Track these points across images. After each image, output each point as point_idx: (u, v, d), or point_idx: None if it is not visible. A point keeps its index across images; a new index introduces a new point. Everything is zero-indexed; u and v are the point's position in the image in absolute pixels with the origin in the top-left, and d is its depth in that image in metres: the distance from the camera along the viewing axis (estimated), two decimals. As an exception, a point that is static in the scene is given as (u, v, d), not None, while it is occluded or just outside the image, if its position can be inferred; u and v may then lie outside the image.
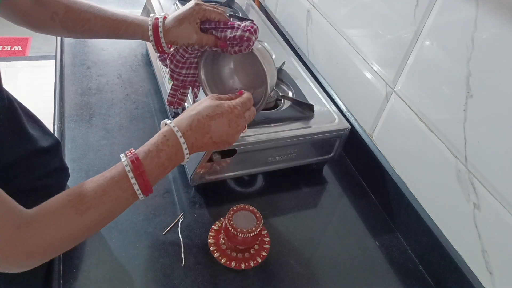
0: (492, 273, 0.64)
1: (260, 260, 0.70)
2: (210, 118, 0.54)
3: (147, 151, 0.50)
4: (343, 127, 0.83)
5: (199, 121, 0.53)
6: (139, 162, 0.49)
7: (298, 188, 0.89)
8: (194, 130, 0.53)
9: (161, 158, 0.51)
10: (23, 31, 0.67)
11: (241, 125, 0.57)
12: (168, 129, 0.53)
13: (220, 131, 0.55)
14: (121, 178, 0.48)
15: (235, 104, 0.57)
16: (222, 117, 0.55)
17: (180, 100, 0.76)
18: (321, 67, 1.10)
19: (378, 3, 0.83)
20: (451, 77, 0.67)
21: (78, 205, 0.45)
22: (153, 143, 0.51)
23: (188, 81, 0.73)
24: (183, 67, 0.70)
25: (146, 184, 0.49)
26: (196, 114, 0.54)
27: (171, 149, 0.52)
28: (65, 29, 0.66)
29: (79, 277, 0.65)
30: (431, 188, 0.75)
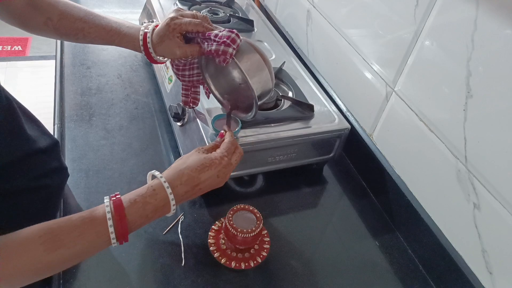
0: (492, 273, 0.64)
1: (260, 260, 0.70)
2: (199, 171, 0.55)
3: (132, 200, 0.50)
4: (343, 127, 0.83)
5: (189, 175, 0.54)
6: (122, 210, 0.49)
7: (298, 188, 0.89)
8: (184, 184, 0.54)
9: (146, 210, 0.51)
10: (23, 31, 0.68)
11: (229, 172, 0.59)
12: (157, 183, 0.53)
13: (209, 181, 0.56)
14: (99, 222, 0.48)
15: (222, 155, 0.58)
16: (211, 169, 0.56)
17: (194, 99, 0.75)
18: (321, 67, 1.10)
19: (378, 3, 0.83)
20: (451, 77, 0.67)
21: (48, 242, 0.44)
22: (140, 194, 0.52)
23: (195, 81, 0.72)
24: (185, 69, 0.70)
25: (124, 232, 0.49)
26: (186, 168, 0.55)
27: (158, 202, 0.52)
28: (59, 35, 0.67)
29: (79, 277, 0.65)
30: (431, 188, 0.75)
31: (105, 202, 0.49)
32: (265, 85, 0.65)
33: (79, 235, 0.46)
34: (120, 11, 1.41)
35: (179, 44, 0.63)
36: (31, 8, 0.63)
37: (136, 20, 1.28)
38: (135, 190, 0.53)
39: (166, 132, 0.95)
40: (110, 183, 0.80)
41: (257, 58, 0.65)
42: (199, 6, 1.18)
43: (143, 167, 0.85)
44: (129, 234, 0.50)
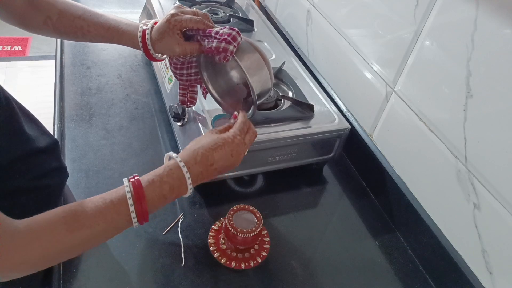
0: (492, 273, 0.64)
1: (260, 260, 0.70)
2: (213, 150, 0.56)
3: (150, 180, 0.51)
4: (343, 127, 0.83)
5: (203, 155, 0.55)
6: (141, 189, 0.50)
7: (298, 188, 0.89)
8: (199, 163, 0.55)
9: (163, 189, 0.52)
10: (23, 31, 0.68)
11: (243, 152, 0.59)
12: (173, 163, 0.54)
13: (223, 161, 0.57)
14: (119, 202, 0.48)
15: (234, 134, 0.59)
16: (224, 147, 0.57)
17: (191, 98, 0.76)
18: (321, 67, 1.10)
19: (378, 3, 0.83)
20: (451, 77, 0.67)
21: (70, 222, 0.45)
22: (158, 174, 0.53)
23: (192, 80, 0.72)
24: (183, 68, 0.70)
25: (144, 212, 0.49)
26: (200, 148, 0.56)
27: (175, 181, 0.53)
28: (58, 34, 0.66)
29: (79, 277, 0.65)
30: (431, 188, 0.75)
31: (125, 183, 0.50)
32: (264, 84, 0.65)
33: (101, 215, 0.47)
34: (120, 11, 1.41)
35: (178, 41, 0.63)
36: (31, 8, 0.63)
37: (136, 20, 1.27)
38: (153, 170, 0.53)
39: (166, 132, 0.95)
40: (110, 183, 0.80)
41: (257, 57, 0.65)
42: (199, 6, 1.18)
43: (143, 167, 0.85)
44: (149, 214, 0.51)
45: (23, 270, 0.44)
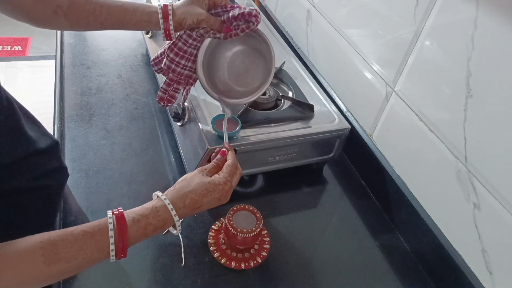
0: (492, 273, 0.64)
1: (260, 260, 0.70)
2: (203, 196, 0.56)
3: (136, 220, 0.51)
4: (343, 127, 0.83)
5: (192, 199, 0.55)
6: (125, 227, 0.49)
7: (298, 188, 0.89)
8: (187, 206, 0.55)
9: (147, 229, 0.51)
10: (23, 31, 0.67)
11: (229, 195, 0.60)
12: (161, 205, 0.53)
13: (210, 204, 0.58)
14: (101, 238, 0.48)
15: (225, 180, 0.59)
16: (214, 193, 0.57)
17: (171, 97, 0.74)
18: (321, 67, 1.10)
19: (378, 3, 0.83)
20: (451, 77, 0.67)
21: (49, 254, 0.44)
22: (144, 214, 0.52)
23: (184, 75, 0.72)
24: (183, 57, 0.69)
25: (124, 249, 0.49)
26: (190, 192, 0.56)
27: (160, 223, 0.53)
28: (69, 23, 0.64)
29: (79, 277, 0.65)
30: (431, 188, 0.75)
31: (109, 219, 0.49)
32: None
33: (80, 250, 0.46)
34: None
35: (205, 10, 0.65)
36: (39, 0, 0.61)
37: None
38: (138, 207, 0.53)
39: (166, 132, 0.95)
40: (110, 183, 0.80)
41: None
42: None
43: (143, 167, 0.85)
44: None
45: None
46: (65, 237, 0.46)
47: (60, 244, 0.45)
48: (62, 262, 0.45)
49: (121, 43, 1.22)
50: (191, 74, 0.73)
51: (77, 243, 0.46)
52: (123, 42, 1.22)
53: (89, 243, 0.47)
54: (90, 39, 1.22)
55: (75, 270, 0.47)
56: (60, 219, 0.72)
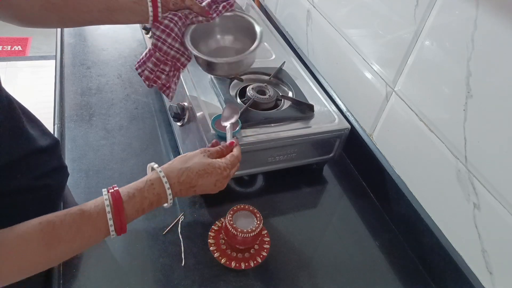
0: (492, 273, 0.64)
1: (260, 260, 0.70)
2: (199, 176, 0.56)
3: (131, 195, 0.51)
4: (343, 127, 0.83)
5: (188, 176, 0.55)
6: (121, 204, 0.49)
7: (298, 188, 0.89)
8: (181, 183, 0.55)
9: (143, 204, 0.52)
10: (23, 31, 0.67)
11: (225, 184, 0.60)
12: (156, 177, 0.54)
13: (205, 187, 0.57)
14: (98, 217, 0.48)
15: (226, 166, 0.59)
16: (211, 176, 0.57)
17: (156, 78, 0.73)
18: (321, 67, 1.10)
19: (378, 3, 0.83)
20: (451, 77, 0.67)
21: (48, 237, 0.44)
22: (138, 188, 0.52)
23: (170, 55, 0.72)
24: (170, 35, 0.70)
25: (122, 225, 0.49)
26: (187, 169, 0.55)
27: (155, 197, 0.53)
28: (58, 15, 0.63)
29: (79, 277, 0.65)
30: (431, 188, 0.75)
31: (104, 196, 0.49)
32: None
33: (78, 231, 0.46)
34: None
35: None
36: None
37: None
38: (133, 182, 0.53)
39: (166, 132, 0.95)
40: (110, 183, 0.80)
41: None
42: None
43: (143, 167, 0.85)
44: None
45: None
46: (63, 218, 0.46)
47: (59, 227, 0.45)
48: (62, 244, 0.45)
49: (121, 43, 1.22)
50: (179, 57, 0.73)
51: (75, 225, 0.46)
52: (123, 42, 1.22)
53: (88, 223, 0.47)
54: (90, 39, 1.22)
55: (75, 250, 0.48)
56: (60, 219, 0.72)
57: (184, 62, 0.74)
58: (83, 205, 0.48)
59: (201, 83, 0.86)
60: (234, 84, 0.88)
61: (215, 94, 0.84)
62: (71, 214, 0.47)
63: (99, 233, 0.48)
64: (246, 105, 0.80)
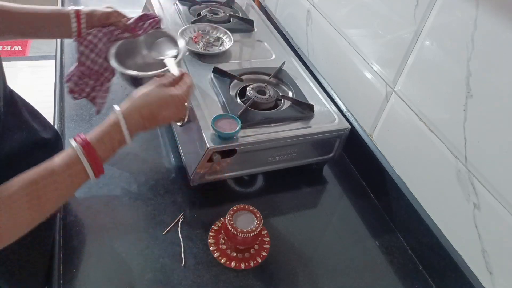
0: (492, 273, 0.64)
1: (260, 260, 0.70)
2: (161, 107, 0.59)
3: (100, 140, 0.54)
4: (343, 127, 0.83)
5: (150, 110, 0.58)
6: (94, 152, 0.52)
7: (298, 188, 0.89)
8: (145, 117, 0.57)
9: (114, 145, 0.55)
10: (23, 31, 0.67)
11: (184, 111, 0.63)
12: (120, 119, 0.56)
13: (168, 116, 0.60)
14: (76, 167, 0.51)
15: (182, 94, 0.61)
16: (171, 106, 0.60)
17: (81, 91, 0.75)
18: (321, 67, 1.10)
19: (378, 3, 0.83)
20: (451, 77, 0.67)
21: (32, 193, 0.46)
22: (106, 132, 0.55)
23: (94, 70, 0.74)
24: (93, 50, 0.72)
25: (99, 169, 0.53)
26: (148, 104, 0.58)
27: (122, 136, 0.56)
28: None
29: (79, 277, 0.65)
30: (431, 188, 0.75)
31: (77, 150, 0.51)
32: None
33: (61, 182, 0.49)
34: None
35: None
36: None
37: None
38: (99, 127, 0.55)
39: (166, 132, 0.95)
40: (110, 183, 0.80)
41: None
42: (199, 6, 1.18)
43: (143, 167, 0.85)
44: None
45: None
46: (42, 173, 0.48)
47: (40, 181, 0.47)
48: (46, 197, 0.48)
49: (121, 43, 1.22)
50: (103, 71, 0.75)
51: (55, 177, 0.48)
52: (123, 42, 1.22)
53: (67, 173, 0.49)
54: (90, 39, 1.21)
55: (61, 200, 0.51)
56: (60, 219, 0.72)
57: (109, 77, 0.77)
58: (58, 159, 0.50)
59: (201, 83, 0.86)
60: (234, 84, 0.88)
61: (215, 94, 0.84)
62: (51, 169, 0.49)
63: (80, 179, 0.51)
64: (246, 105, 0.80)
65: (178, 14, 1.11)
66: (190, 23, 1.04)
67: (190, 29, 1.01)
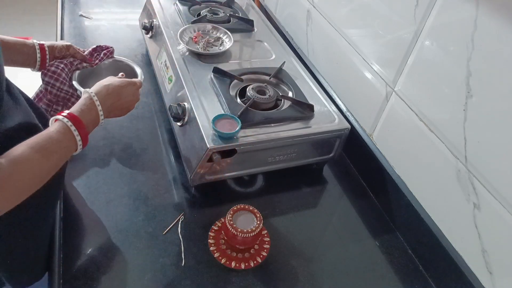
0: (492, 273, 0.64)
1: (260, 260, 0.70)
2: (121, 87, 0.70)
3: (80, 111, 0.61)
4: (343, 127, 0.83)
5: (113, 88, 0.68)
6: (77, 118, 0.59)
7: (298, 188, 0.89)
8: (110, 94, 0.67)
9: (92, 115, 0.63)
10: (23, 31, 0.68)
11: (139, 96, 0.76)
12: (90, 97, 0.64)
13: (127, 97, 0.71)
14: (68, 133, 0.58)
15: (135, 80, 0.75)
16: (129, 86, 0.72)
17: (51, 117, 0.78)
18: (321, 67, 1.10)
19: (378, 3, 0.83)
20: (451, 77, 0.67)
21: (42, 151, 0.53)
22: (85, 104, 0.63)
23: (61, 97, 0.83)
24: (58, 80, 0.81)
25: (86, 138, 0.60)
26: (111, 84, 0.69)
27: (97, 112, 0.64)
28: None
29: (79, 277, 0.65)
30: (431, 188, 0.75)
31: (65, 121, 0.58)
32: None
33: (60, 143, 0.56)
34: (120, 11, 1.41)
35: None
36: None
37: (136, 20, 1.28)
38: (77, 103, 0.63)
39: (166, 132, 0.95)
40: (110, 183, 0.80)
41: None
42: (199, 6, 1.18)
43: (143, 167, 0.85)
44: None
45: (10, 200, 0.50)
46: (45, 137, 0.55)
47: (45, 143, 0.54)
48: (54, 154, 0.55)
49: (121, 43, 1.22)
50: (69, 97, 0.84)
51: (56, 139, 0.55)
52: (123, 42, 1.22)
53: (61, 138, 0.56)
54: (91, 39, 1.22)
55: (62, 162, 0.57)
56: (60, 219, 0.72)
57: (75, 102, 0.82)
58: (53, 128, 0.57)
59: (201, 83, 0.86)
60: (234, 84, 0.88)
61: (215, 94, 0.84)
62: (49, 135, 0.55)
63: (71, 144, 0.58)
64: (246, 105, 0.80)
65: (178, 14, 1.11)
66: (190, 23, 1.04)
67: (190, 29, 1.01)
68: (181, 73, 0.88)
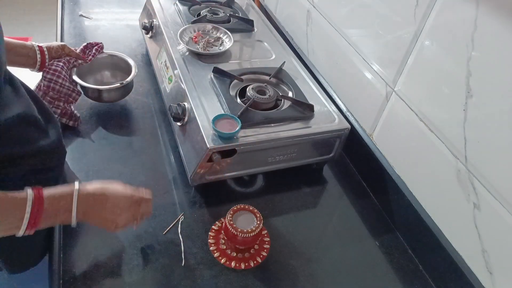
0: (492, 273, 0.64)
1: (260, 260, 0.70)
2: (116, 196, 0.60)
3: (51, 197, 0.54)
4: (343, 127, 0.83)
5: (102, 186, 0.60)
6: (42, 202, 0.52)
7: (298, 188, 0.89)
8: (97, 195, 0.58)
9: (58, 213, 0.54)
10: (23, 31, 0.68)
11: (134, 214, 0.62)
12: (73, 191, 0.56)
13: (116, 209, 0.59)
14: (20, 206, 0.51)
15: (139, 197, 0.63)
16: (125, 189, 0.62)
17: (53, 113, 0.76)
18: (321, 67, 1.10)
19: (378, 3, 0.83)
20: (451, 77, 0.67)
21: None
22: (59, 195, 0.55)
23: (63, 93, 0.86)
24: (60, 76, 0.84)
25: (36, 224, 0.52)
26: (107, 188, 0.60)
27: (68, 209, 0.55)
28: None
29: (79, 277, 0.65)
30: (431, 188, 0.75)
31: (28, 195, 0.51)
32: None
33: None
34: (120, 11, 1.41)
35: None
36: None
37: (136, 20, 1.28)
38: (55, 188, 0.55)
39: (166, 132, 0.95)
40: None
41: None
42: (199, 6, 1.18)
43: (143, 167, 0.85)
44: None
45: None
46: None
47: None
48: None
49: (121, 43, 1.22)
50: (70, 93, 0.87)
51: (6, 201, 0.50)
52: (123, 42, 1.22)
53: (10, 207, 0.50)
54: (91, 39, 1.21)
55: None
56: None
57: (76, 97, 0.89)
58: (9, 193, 0.51)
59: (201, 83, 0.86)
60: (234, 84, 0.88)
61: (215, 94, 0.84)
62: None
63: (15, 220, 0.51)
64: (246, 105, 0.80)
65: (178, 14, 1.11)
66: (190, 23, 1.04)
67: (190, 29, 1.01)
68: (181, 73, 0.88)
